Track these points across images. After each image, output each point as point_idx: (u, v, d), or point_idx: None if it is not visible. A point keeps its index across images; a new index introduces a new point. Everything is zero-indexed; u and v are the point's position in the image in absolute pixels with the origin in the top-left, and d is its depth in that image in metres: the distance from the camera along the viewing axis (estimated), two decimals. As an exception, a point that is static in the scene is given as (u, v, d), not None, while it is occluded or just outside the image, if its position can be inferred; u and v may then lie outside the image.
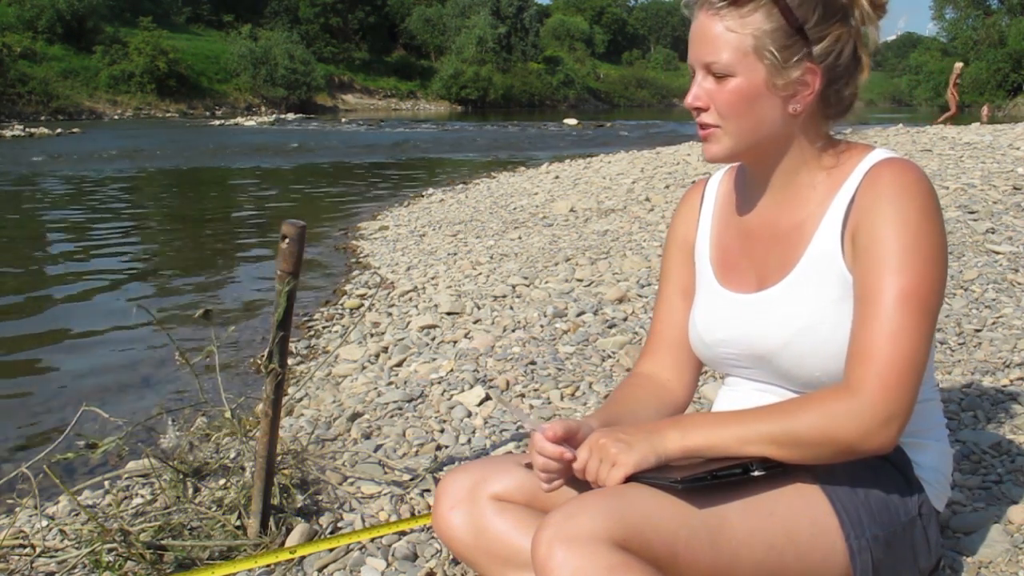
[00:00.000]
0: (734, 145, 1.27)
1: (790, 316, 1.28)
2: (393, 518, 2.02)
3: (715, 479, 1.15)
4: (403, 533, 1.91)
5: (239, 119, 37.47)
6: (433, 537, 1.90)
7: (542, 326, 3.56)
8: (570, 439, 1.24)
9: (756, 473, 1.18)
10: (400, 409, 2.75)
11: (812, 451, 1.17)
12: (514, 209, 7.66)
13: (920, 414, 1.23)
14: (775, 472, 1.20)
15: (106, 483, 2.38)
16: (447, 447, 2.42)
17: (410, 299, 4.50)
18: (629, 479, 1.17)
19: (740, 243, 1.39)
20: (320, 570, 1.81)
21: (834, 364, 1.25)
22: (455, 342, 3.51)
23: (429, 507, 2.06)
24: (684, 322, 1.47)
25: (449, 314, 3.97)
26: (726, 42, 1.21)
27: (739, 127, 1.25)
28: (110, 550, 1.80)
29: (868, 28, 1.25)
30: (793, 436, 1.17)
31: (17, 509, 2.07)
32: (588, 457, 1.19)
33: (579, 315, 3.67)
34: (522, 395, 2.79)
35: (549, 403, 2.71)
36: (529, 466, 1.30)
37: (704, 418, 1.22)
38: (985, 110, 17.94)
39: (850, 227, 1.24)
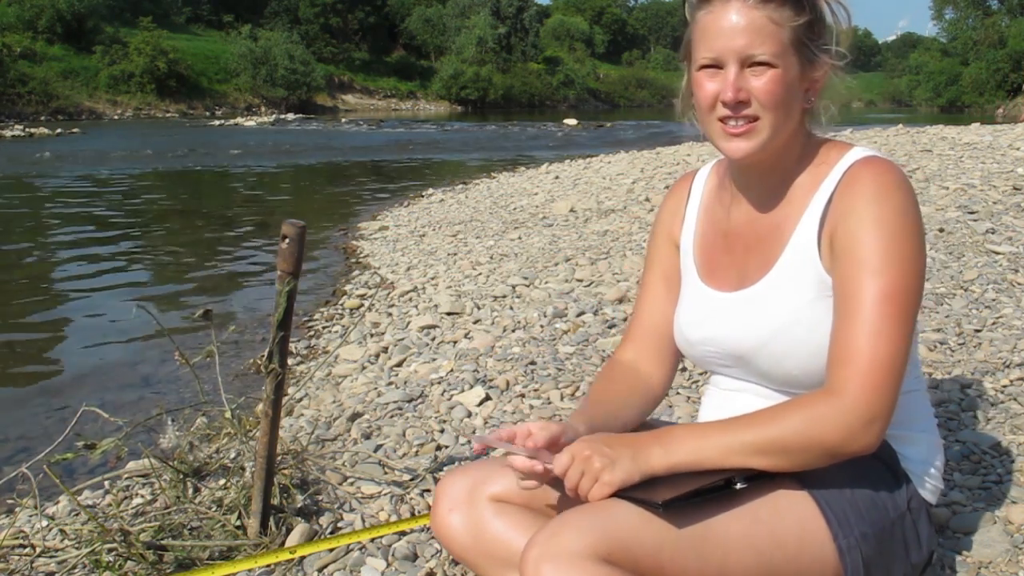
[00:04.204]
0: (768, 139, 1.24)
1: (768, 316, 1.29)
2: (393, 518, 2.02)
3: (697, 496, 1.14)
4: (403, 533, 1.91)
5: (239, 119, 37.50)
6: (433, 537, 1.90)
7: (542, 326, 3.55)
8: (552, 445, 1.23)
9: (739, 486, 1.18)
10: (400, 409, 2.75)
11: (797, 457, 1.17)
12: (514, 209, 7.66)
13: (904, 406, 1.23)
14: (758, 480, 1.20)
15: (106, 483, 2.39)
16: (447, 447, 2.42)
17: (410, 299, 4.50)
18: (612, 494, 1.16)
19: (722, 241, 1.39)
20: (320, 570, 1.82)
21: (812, 363, 1.25)
22: (455, 342, 3.50)
23: (429, 507, 2.06)
24: (666, 311, 1.47)
25: (449, 314, 3.97)
26: (769, 34, 1.20)
27: (775, 119, 1.23)
28: (110, 550, 1.80)
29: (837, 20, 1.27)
30: (777, 443, 1.17)
31: (17, 509, 2.07)
32: (570, 464, 1.18)
33: (579, 315, 3.67)
34: (522, 395, 2.79)
35: (549, 403, 2.71)
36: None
37: (687, 432, 1.21)
38: (1001, 110, 18.09)
39: (827, 228, 1.24)
